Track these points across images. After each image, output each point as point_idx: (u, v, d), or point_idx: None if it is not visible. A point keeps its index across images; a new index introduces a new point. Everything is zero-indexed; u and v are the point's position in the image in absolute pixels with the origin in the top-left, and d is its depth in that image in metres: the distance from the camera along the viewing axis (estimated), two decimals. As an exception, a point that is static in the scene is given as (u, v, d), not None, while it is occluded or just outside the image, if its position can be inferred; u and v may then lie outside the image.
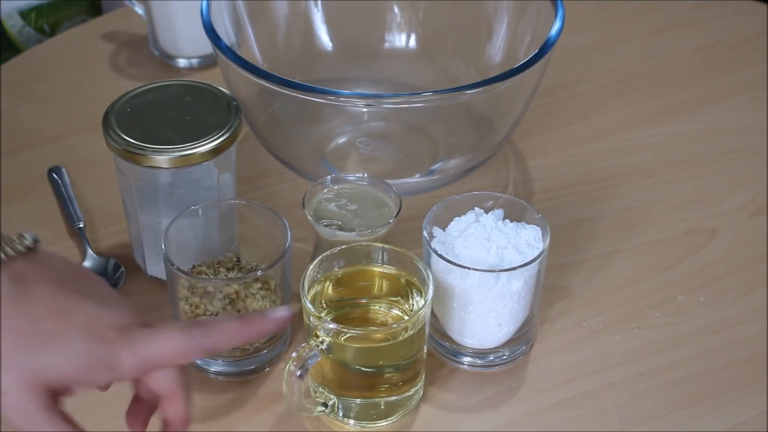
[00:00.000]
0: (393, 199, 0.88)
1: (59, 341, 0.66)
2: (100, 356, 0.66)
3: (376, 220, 0.87)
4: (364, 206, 0.88)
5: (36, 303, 0.66)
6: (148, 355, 0.67)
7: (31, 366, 0.65)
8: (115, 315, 0.68)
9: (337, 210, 0.88)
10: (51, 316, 0.66)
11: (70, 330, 0.66)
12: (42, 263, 0.69)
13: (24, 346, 0.65)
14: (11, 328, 0.66)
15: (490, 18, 1.10)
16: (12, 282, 0.67)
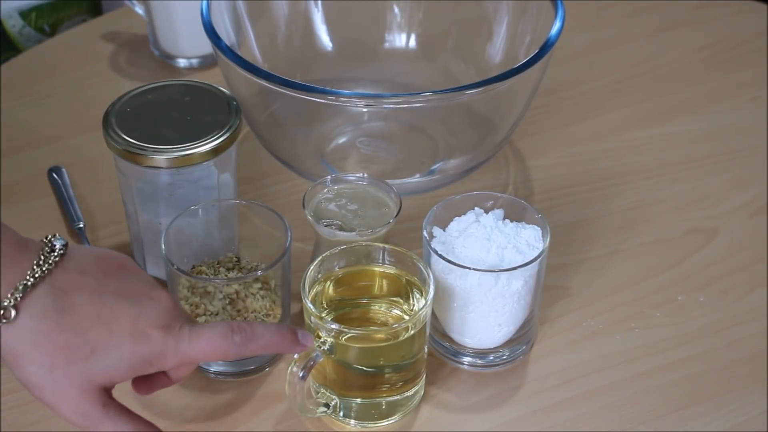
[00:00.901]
0: (393, 199, 0.88)
1: (106, 349, 0.70)
2: (145, 356, 0.71)
3: (376, 220, 0.87)
4: (364, 206, 0.88)
5: (79, 314, 0.70)
6: (189, 354, 0.73)
7: (83, 374, 0.70)
8: (155, 312, 0.72)
9: (337, 210, 0.88)
10: (94, 325, 0.70)
11: (114, 336, 0.71)
12: (76, 270, 0.72)
13: (74, 358, 0.70)
14: (60, 342, 0.70)
15: (490, 18, 1.10)
16: (54, 298, 0.70)
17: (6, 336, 0.69)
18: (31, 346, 0.70)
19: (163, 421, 0.83)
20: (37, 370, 0.70)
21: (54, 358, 0.70)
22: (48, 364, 0.70)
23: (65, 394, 0.71)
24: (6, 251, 0.70)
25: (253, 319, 0.84)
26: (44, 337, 0.70)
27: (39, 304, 0.70)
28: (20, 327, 0.69)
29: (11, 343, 0.70)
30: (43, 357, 0.70)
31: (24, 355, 0.70)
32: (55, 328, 0.70)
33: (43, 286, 0.70)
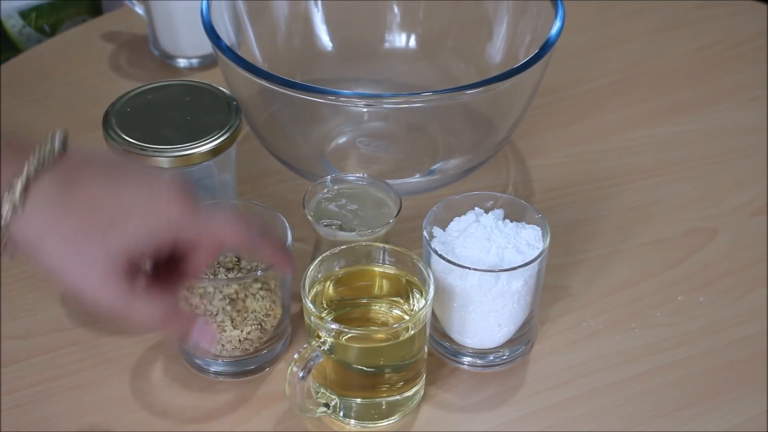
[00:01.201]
0: (393, 199, 0.88)
1: (123, 219, 0.70)
2: (163, 222, 0.71)
3: (376, 220, 0.87)
4: (364, 206, 0.88)
5: (87, 197, 0.70)
6: (208, 226, 0.73)
7: (104, 248, 0.70)
8: (169, 185, 0.72)
9: (337, 210, 0.88)
10: (107, 205, 0.70)
11: (130, 207, 0.70)
12: (78, 161, 0.72)
13: (93, 234, 0.70)
14: (75, 222, 0.70)
15: (490, 18, 1.10)
16: (59, 187, 0.70)
17: (21, 226, 0.69)
18: (48, 233, 0.70)
19: (163, 421, 0.83)
20: (59, 255, 0.70)
21: (74, 238, 0.70)
22: (69, 247, 0.70)
23: (91, 273, 0.70)
24: (5, 149, 0.70)
25: (253, 320, 0.84)
26: (58, 221, 0.69)
27: (45, 192, 0.69)
28: (32, 214, 0.69)
29: (27, 235, 0.70)
30: (61, 241, 0.69)
31: (42, 242, 0.70)
32: (68, 211, 0.70)
33: (46, 175, 0.70)
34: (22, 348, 0.88)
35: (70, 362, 0.87)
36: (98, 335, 0.90)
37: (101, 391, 0.85)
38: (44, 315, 0.91)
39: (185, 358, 0.87)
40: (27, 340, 0.89)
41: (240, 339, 0.84)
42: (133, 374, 0.87)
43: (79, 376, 0.86)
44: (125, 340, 0.89)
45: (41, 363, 0.87)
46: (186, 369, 0.87)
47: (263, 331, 0.85)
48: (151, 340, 0.89)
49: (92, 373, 0.87)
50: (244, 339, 0.84)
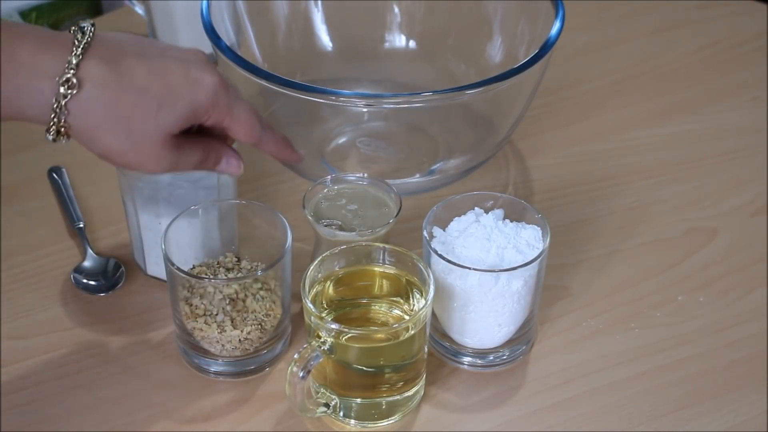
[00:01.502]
0: (393, 199, 0.88)
1: (169, 101, 0.75)
2: (203, 102, 0.76)
3: (376, 220, 0.87)
4: (364, 206, 0.88)
5: (135, 76, 0.74)
6: (235, 111, 0.79)
7: (157, 129, 0.75)
8: (199, 63, 0.77)
9: (337, 210, 0.88)
10: (153, 83, 0.74)
11: (173, 88, 0.75)
12: (114, 42, 0.75)
13: (146, 116, 0.74)
14: (129, 104, 0.74)
15: (490, 18, 1.10)
16: (107, 65, 0.73)
17: (78, 110, 0.72)
18: (105, 115, 0.73)
19: (163, 421, 0.83)
20: (116, 137, 0.74)
21: (129, 120, 0.74)
22: (124, 128, 0.74)
23: (148, 152, 0.76)
24: (41, 39, 0.72)
25: (253, 320, 0.84)
26: (113, 102, 0.73)
27: (96, 73, 0.72)
28: (88, 98, 0.72)
29: (85, 116, 0.73)
30: (118, 123, 0.73)
31: (100, 125, 0.73)
32: (121, 92, 0.73)
33: (91, 57, 0.72)
34: (22, 348, 0.88)
35: (70, 362, 0.87)
36: (98, 335, 0.90)
37: (101, 391, 0.85)
38: (44, 315, 0.91)
39: (185, 358, 0.87)
40: (27, 340, 0.89)
41: (240, 339, 0.84)
42: (133, 374, 0.87)
43: (79, 376, 0.86)
44: (125, 340, 0.89)
45: (41, 363, 0.87)
46: (186, 369, 0.87)
47: (263, 331, 0.85)
48: (151, 340, 0.89)
49: (92, 373, 0.87)
50: (244, 339, 0.84)
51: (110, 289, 0.93)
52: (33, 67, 0.71)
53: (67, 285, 0.94)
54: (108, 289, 0.93)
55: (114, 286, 0.93)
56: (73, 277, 0.94)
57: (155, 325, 0.90)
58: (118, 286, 0.93)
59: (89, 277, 0.94)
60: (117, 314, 0.91)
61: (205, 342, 0.84)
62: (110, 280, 0.94)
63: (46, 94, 0.72)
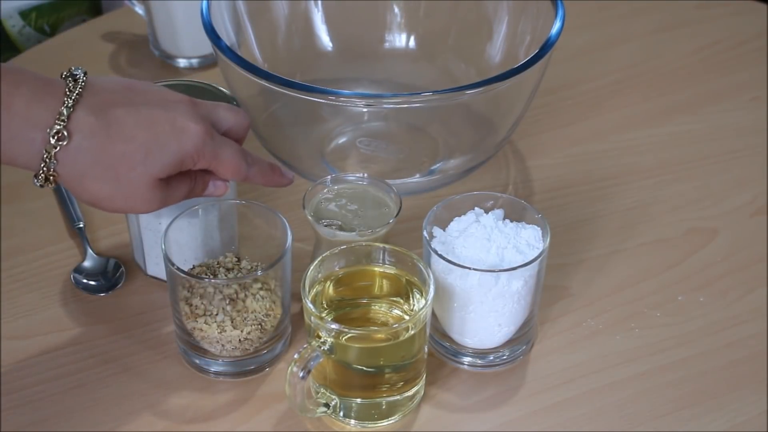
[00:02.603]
0: (393, 199, 0.88)
1: (156, 149, 0.77)
2: (189, 150, 0.78)
3: (376, 220, 0.87)
4: (364, 206, 0.88)
5: (123, 125, 0.76)
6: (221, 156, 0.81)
7: (144, 175, 0.77)
8: (185, 110, 0.79)
9: (337, 210, 0.88)
10: (140, 132, 0.76)
11: (160, 137, 0.77)
12: (104, 91, 0.77)
13: (133, 164, 0.76)
14: (116, 153, 0.76)
15: (490, 18, 1.10)
16: (96, 116, 0.75)
17: (67, 160, 0.75)
18: (92, 164, 0.75)
19: (163, 421, 0.83)
20: (103, 185, 0.76)
21: (116, 169, 0.76)
22: (112, 177, 0.76)
23: (135, 196, 0.78)
24: (35, 88, 0.74)
25: (253, 320, 0.84)
26: (101, 152, 0.75)
27: (85, 123, 0.75)
28: (76, 148, 0.75)
29: (73, 165, 0.75)
30: (105, 171, 0.76)
31: (88, 173, 0.76)
32: (108, 142, 0.75)
33: (81, 108, 0.75)
34: (22, 348, 0.88)
35: (70, 362, 0.87)
36: (98, 335, 0.90)
37: (101, 391, 0.85)
38: (44, 315, 0.91)
39: (185, 358, 0.87)
40: (27, 340, 0.89)
41: (240, 339, 0.84)
42: (133, 374, 0.87)
43: (79, 376, 0.86)
44: (125, 340, 0.89)
45: (41, 363, 0.87)
46: (186, 369, 0.87)
47: (263, 331, 0.85)
48: (151, 340, 0.89)
49: (92, 373, 0.87)
50: (244, 339, 0.84)
51: (110, 289, 0.93)
52: (26, 118, 0.74)
53: (67, 285, 0.94)
54: (108, 289, 0.93)
55: (114, 286, 0.93)
56: (73, 277, 0.94)
57: (155, 325, 0.90)
58: (118, 286, 0.94)
59: (89, 277, 0.94)
60: (117, 314, 0.91)
61: (205, 342, 0.84)
62: (110, 280, 0.94)
63: (37, 144, 0.74)
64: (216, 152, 0.80)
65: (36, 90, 0.74)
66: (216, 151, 0.80)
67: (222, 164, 0.81)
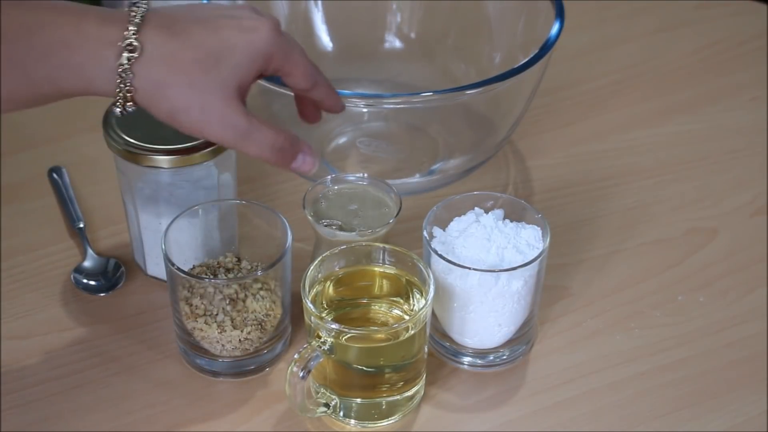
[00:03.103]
0: (393, 199, 0.88)
1: (227, 52, 0.76)
2: (261, 48, 0.77)
3: (376, 220, 0.87)
4: (364, 206, 0.88)
5: (191, 33, 0.76)
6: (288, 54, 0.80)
7: (218, 80, 0.76)
8: (250, 13, 0.79)
9: (337, 210, 0.88)
10: (209, 37, 0.76)
11: (229, 40, 0.77)
12: (165, 10, 0.78)
13: (207, 69, 0.76)
14: (189, 58, 0.75)
15: (490, 18, 1.10)
16: (164, 27, 0.76)
17: (142, 71, 0.75)
18: (167, 71, 0.75)
19: (163, 421, 0.83)
20: (179, 91, 0.75)
21: (190, 73, 0.75)
22: (187, 82, 0.75)
23: (211, 106, 0.76)
24: (101, 13, 0.75)
25: (253, 320, 0.84)
26: (174, 57, 0.75)
27: (155, 35, 0.75)
28: (150, 57, 0.75)
29: (149, 74, 0.75)
30: (180, 77, 0.75)
31: (164, 81, 0.75)
32: (179, 49, 0.75)
33: (149, 24, 0.75)
34: (22, 348, 0.88)
35: (70, 362, 0.87)
36: (98, 335, 0.90)
37: (101, 391, 0.85)
38: (44, 315, 0.91)
39: (185, 358, 0.87)
40: (27, 340, 0.89)
41: (240, 339, 0.84)
42: (133, 374, 0.87)
43: (79, 376, 0.86)
44: (125, 340, 0.89)
45: (41, 363, 0.87)
46: (186, 369, 0.87)
47: (263, 331, 0.85)
48: (151, 340, 0.89)
49: (92, 373, 0.87)
50: (244, 339, 0.84)
51: (110, 289, 0.93)
52: (98, 38, 0.74)
53: (67, 285, 0.94)
54: (108, 289, 0.93)
55: (114, 286, 0.93)
56: (73, 277, 0.94)
57: (155, 325, 0.90)
58: (118, 286, 0.94)
59: (89, 277, 0.94)
60: (117, 314, 0.91)
61: (205, 342, 0.84)
62: (110, 280, 0.94)
63: (111, 61, 0.74)
64: (287, 50, 0.79)
65: (103, 15, 0.75)
66: (287, 49, 0.79)
67: (294, 65, 0.80)
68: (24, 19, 0.73)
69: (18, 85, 0.74)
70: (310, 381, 0.83)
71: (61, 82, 0.74)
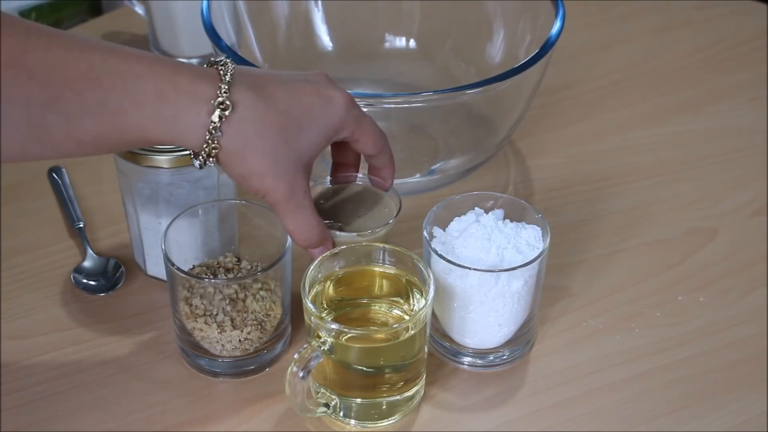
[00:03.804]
0: (393, 199, 0.88)
1: (308, 123, 0.78)
2: (335, 122, 0.79)
3: (376, 221, 0.87)
4: (364, 206, 0.88)
5: (278, 99, 0.77)
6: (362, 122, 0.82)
7: (297, 152, 0.78)
8: (323, 79, 0.81)
9: (337, 210, 0.88)
10: (293, 106, 0.78)
11: (310, 110, 0.78)
12: (251, 72, 0.79)
13: (289, 139, 0.77)
14: (276, 126, 0.77)
15: (490, 18, 1.10)
16: (254, 90, 0.77)
17: (231, 131, 0.75)
18: (255, 136, 0.76)
19: (163, 421, 0.83)
20: (261, 159, 0.77)
21: (275, 142, 0.76)
22: (270, 150, 0.76)
23: (285, 175, 0.78)
24: (194, 70, 0.76)
25: (253, 320, 0.84)
26: (262, 123, 0.76)
27: (246, 95, 0.76)
28: (241, 119, 0.75)
29: (237, 137, 0.76)
30: (265, 143, 0.76)
31: (249, 145, 0.76)
32: (267, 113, 0.76)
33: (238, 83, 0.76)
34: (22, 348, 0.88)
35: (70, 362, 0.87)
36: (98, 335, 0.90)
37: (101, 391, 0.85)
38: (44, 315, 0.91)
39: (185, 358, 0.87)
40: (27, 340, 0.89)
41: (240, 339, 0.84)
42: (133, 374, 0.87)
43: (79, 376, 0.86)
44: (125, 340, 0.89)
45: (41, 363, 0.87)
46: (186, 369, 0.87)
47: (263, 331, 0.85)
48: (151, 340, 0.89)
49: (92, 373, 0.87)
50: (244, 339, 0.84)
51: (110, 289, 0.93)
52: (193, 93, 0.75)
53: (67, 285, 0.94)
54: (108, 289, 0.93)
55: (114, 286, 0.93)
56: (73, 277, 0.94)
57: (155, 325, 0.90)
58: (118, 286, 0.94)
59: (89, 277, 0.94)
60: (117, 314, 0.91)
61: (205, 342, 0.84)
62: (110, 280, 0.94)
63: (203, 117, 0.75)
64: (359, 120, 0.81)
65: (196, 72, 0.76)
66: (359, 119, 0.81)
67: (365, 133, 0.82)
68: (120, 68, 0.73)
69: (107, 130, 0.74)
70: (310, 381, 0.83)
71: (150, 132, 0.75)
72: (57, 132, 0.73)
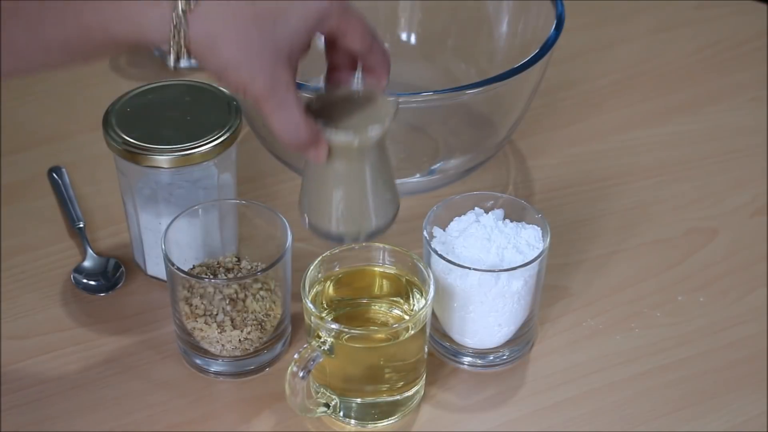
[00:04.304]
0: (389, 100, 0.81)
1: (284, 12, 0.74)
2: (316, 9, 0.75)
3: (371, 120, 0.80)
4: (358, 108, 0.79)
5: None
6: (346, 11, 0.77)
7: (272, 42, 0.74)
8: None
9: (331, 112, 0.81)
10: None
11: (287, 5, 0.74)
12: None
13: (263, 28, 0.73)
14: (247, 15, 0.73)
15: (490, 18, 1.10)
16: None
17: (198, 22, 0.73)
18: (224, 27, 0.73)
19: (163, 421, 0.83)
20: (234, 49, 0.73)
21: (248, 31, 0.73)
22: (244, 40, 0.73)
23: (263, 67, 0.74)
24: None
25: (253, 320, 0.84)
26: (231, 13, 0.73)
27: None
28: (206, 10, 0.72)
29: (205, 28, 0.73)
30: (238, 33, 0.73)
31: (219, 36, 0.73)
32: (237, 5, 0.73)
33: None
34: (22, 348, 0.88)
35: (70, 362, 0.87)
36: (98, 335, 0.90)
37: (101, 391, 0.85)
38: (44, 315, 0.91)
39: (185, 358, 0.87)
40: (27, 340, 0.89)
41: (240, 339, 0.84)
42: (133, 374, 0.87)
43: (79, 376, 0.86)
44: (125, 340, 0.89)
45: (41, 363, 0.87)
46: (186, 369, 0.87)
47: (263, 331, 0.85)
48: (151, 340, 0.89)
49: (92, 373, 0.87)
50: (244, 339, 0.84)
51: (110, 289, 0.93)
52: None
53: (67, 285, 0.94)
54: (108, 289, 0.93)
55: (114, 286, 0.93)
56: (73, 277, 0.94)
57: (155, 325, 0.90)
58: (118, 286, 0.94)
59: (89, 277, 0.94)
60: (117, 314, 0.91)
61: (205, 342, 0.85)
62: (110, 280, 0.94)
63: (166, 10, 0.73)
64: (344, 10, 0.76)
65: None
66: (344, 9, 0.76)
67: (351, 25, 0.77)
68: None
69: (72, 35, 0.72)
70: (310, 381, 0.83)
71: (115, 32, 0.73)
72: (21, 39, 0.72)
